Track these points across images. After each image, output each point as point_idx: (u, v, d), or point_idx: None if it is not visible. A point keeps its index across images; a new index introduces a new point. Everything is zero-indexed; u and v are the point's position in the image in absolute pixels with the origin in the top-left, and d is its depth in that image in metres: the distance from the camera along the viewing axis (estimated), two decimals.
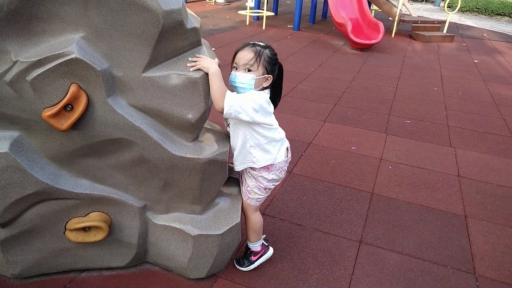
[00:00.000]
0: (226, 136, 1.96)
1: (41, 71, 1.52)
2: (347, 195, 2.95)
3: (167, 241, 1.96)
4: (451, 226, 2.68)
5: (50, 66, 1.51)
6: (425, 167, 3.45)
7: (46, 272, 1.98)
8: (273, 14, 10.38)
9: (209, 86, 1.70)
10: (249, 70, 1.74)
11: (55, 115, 1.56)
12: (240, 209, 2.05)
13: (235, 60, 1.76)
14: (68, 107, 1.58)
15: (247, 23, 9.81)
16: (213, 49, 1.99)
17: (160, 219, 1.94)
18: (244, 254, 2.15)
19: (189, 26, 1.63)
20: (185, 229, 1.91)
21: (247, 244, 2.14)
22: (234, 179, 2.18)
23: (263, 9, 9.59)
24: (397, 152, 3.69)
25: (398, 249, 2.42)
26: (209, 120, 2.12)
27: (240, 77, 1.74)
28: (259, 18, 10.36)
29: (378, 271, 2.23)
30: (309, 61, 6.75)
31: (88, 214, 1.86)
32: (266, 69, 1.77)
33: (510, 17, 14.55)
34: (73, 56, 1.51)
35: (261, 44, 1.79)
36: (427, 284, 2.16)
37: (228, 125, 1.92)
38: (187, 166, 1.76)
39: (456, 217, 2.78)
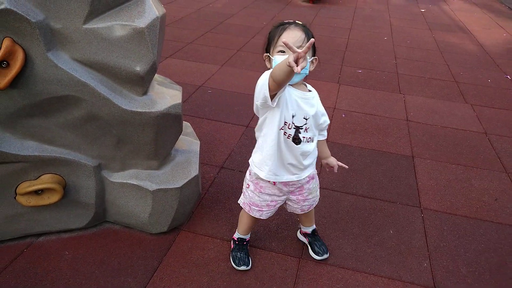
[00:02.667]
0: (178, 89, 1.92)
1: None
2: None
3: (126, 198, 1.95)
4: (400, 167, 2.84)
5: None
6: (377, 114, 3.59)
7: (0, 239, 1.92)
8: None
9: (156, 36, 1.64)
10: None
11: None
12: (198, 161, 2.06)
13: (282, 42, 1.44)
14: (4, 64, 1.48)
15: None
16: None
17: (117, 177, 1.92)
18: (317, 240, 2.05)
19: None
20: (143, 185, 1.90)
21: (315, 231, 2.07)
22: (189, 132, 2.18)
23: None
24: (350, 101, 3.80)
25: (352, 191, 2.55)
26: (160, 75, 2.07)
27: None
28: None
29: (334, 212, 2.36)
30: (261, 15, 6.63)
31: (39, 177, 1.80)
32: (313, 50, 1.55)
33: None
34: (2, 6, 1.39)
35: (300, 22, 1.56)
36: (378, 219, 2.32)
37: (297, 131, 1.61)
38: (140, 121, 1.72)
39: (405, 158, 2.95)
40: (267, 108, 1.54)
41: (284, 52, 1.50)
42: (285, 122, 1.57)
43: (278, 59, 1.48)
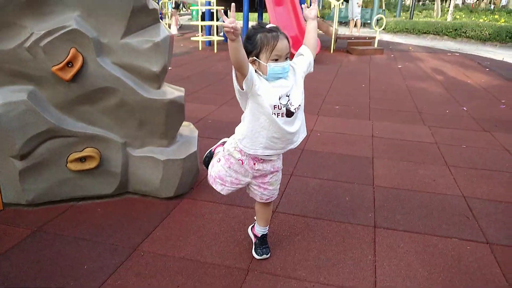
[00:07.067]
0: (182, 90, 2.72)
1: (50, 39, 2.24)
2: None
3: (143, 168, 2.66)
4: (361, 163, 3.53)
5: (56, 35, 2.25)
6: (347, 133, 4.34)
7: (52, 200, 2.60)
8: (223, 39, 11.37)
9: (167, 47, 2.48)
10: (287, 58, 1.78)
11: (61, 69, 2.28)
12: (196, 143, 2.80)
13: (276, 52, 1.72)
14: (69, 64, 2.30)
15: (200, 48, 10.76)
16: (169, 68, 2.69)
17: (137, 152, 2.65)
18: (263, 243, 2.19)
19: (150, 7, 2.43)
20: (156, 156, 2.62)
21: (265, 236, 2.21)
22: (192, 128, 2.94)
23: (213, 35, 10.56)
24: (325, 126, 4.58)
25: (319, 177, 3.23)
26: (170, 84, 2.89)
27: (288, 67, 1.80)
28: (211, 44, 11.33)
29: (303, 191, 3.01)
30: None
31: (84, 149, 2.54)
32: None
33: (434, 34, 16.50)
34: (72, 27, 2.25)
35: (273, 25, 1.79)
36: (337, 192, 2.97)
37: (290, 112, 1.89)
38: (155, 106, 2.50)
39: (366, 158, 3.64)
40: (246, 96, 1.78)
41: (278, 60, 1.73)
42: (274, 105, 1.78)
43: (273, 66, 1.73)
